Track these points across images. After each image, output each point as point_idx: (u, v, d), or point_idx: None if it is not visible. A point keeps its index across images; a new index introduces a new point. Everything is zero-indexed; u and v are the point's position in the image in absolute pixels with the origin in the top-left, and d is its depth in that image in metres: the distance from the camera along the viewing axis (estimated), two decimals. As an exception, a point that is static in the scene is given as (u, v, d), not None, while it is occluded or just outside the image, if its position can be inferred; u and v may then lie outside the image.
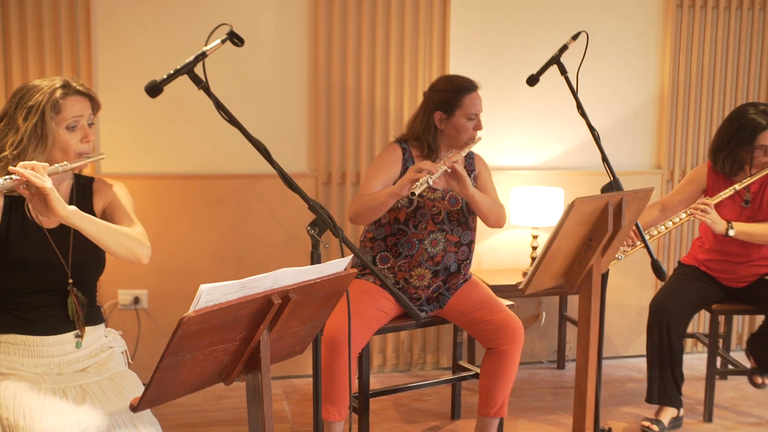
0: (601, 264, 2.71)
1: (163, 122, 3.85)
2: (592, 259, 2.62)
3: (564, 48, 2.97)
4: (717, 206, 3.40)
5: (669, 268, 4.36)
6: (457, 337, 3.56)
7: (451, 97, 3.09)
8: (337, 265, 1.92)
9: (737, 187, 3.42)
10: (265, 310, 1.75)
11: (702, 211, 3.34)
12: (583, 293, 2.69)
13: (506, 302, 3.29)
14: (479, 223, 4.13)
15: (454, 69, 4.10)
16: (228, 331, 1.71)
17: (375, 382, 4.12)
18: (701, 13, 4.43)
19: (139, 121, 3.83)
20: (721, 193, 3.43)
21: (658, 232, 3.41)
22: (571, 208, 2.40)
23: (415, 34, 4.03)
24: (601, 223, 2.57)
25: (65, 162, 2.12)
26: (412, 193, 2.73)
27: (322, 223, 2.15)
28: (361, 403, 3.07)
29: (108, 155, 3.80)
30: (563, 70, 2.95)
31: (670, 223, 3.42)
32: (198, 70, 2.23)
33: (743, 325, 4.73)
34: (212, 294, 1.60)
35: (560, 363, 4.41)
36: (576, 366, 2.72)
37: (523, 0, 4.19)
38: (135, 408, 1.69)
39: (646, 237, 3.35)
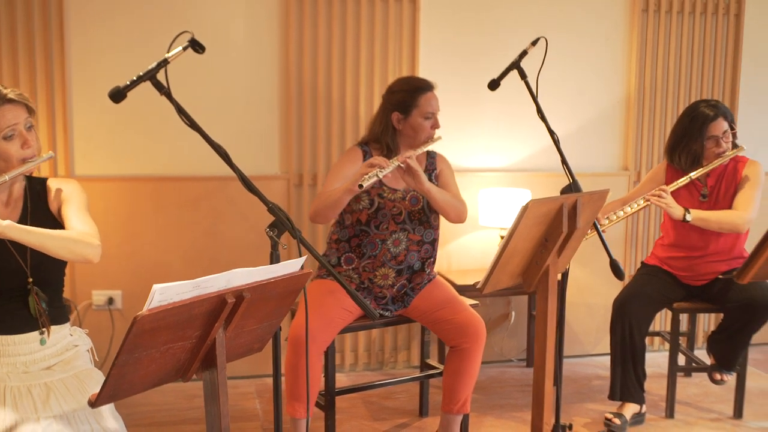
0: (558, 264, 2.79)
1: (137, 126, 3.90)
2: (549, 259, 2.70)
3: (524, 53, 3.04)
4: (677, 201, 3.49)
5: (633, 269, 4.45)
6: (424, 336, 3.64)
7: (407, 97, 3.18)
8: (291, 265, 1.98)
9: (693, 175, 3.52)
10: (220, 309, 1.81)
11: (658, 196, 3.45)
12: (541, 292, 2.77)
13: (471, 302, 3.36)
14: (448, 224, 4.22)
15: (424, 72, 4.17)
16: (183, 329, 1.77)
17: (346, 381, 4.19)
18: (666, 18, 4.52)
19: (114, 125, 3.89)
20: (677, 181, 3.54)
21: (617, 217, 3.49)
22: (525, 210, 2.48)
23: (385, 38, 4.10)
24: (557, 224, 2.65)
25: (5, 176, 2.18)
26: (360, 186, 2.82)
27: (281, 224, 2.21)
28: (327, 400, 3.13)
29: (83, 159, 3.89)
30: (523, 75, 3.03)
31: (629, 208, 3.51)
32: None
33: (709, 323, 4.83)
34: (165, 293, 1.66)
35: (529, 361, 4.49)
36: (534, 364, 2.79)
37: (492, 4, 4.27)
38: (93, 404, 1.75)
39: (606, 222, 3.45)
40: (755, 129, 4.71)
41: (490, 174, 4.35)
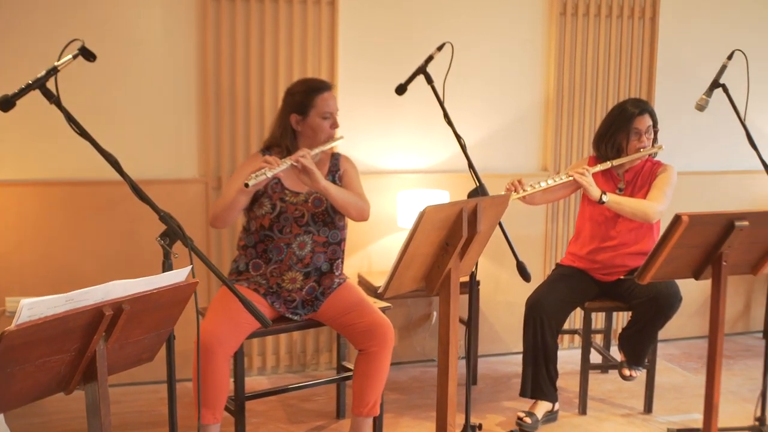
0: (462, 267, 2.83)
1: (48, 130, 3.84)
2: (450, 262, 2.74)
3: (430, 58, 3.09)
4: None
5: (548, 270, 4.53)
6: (340, 338, 3.65)
7: (303, 98, 3.21)
8: (176, 275, 1.98)
9: (613, 162, 3.68)
10: (97, 321, 1.80)
11: (580, 174, 3.57)
12: (443, 296, 2.80)
13: (382, 304, 3.39)
14: (368, 226, 4.24)
15: (344, 75, 4.19)
16: (59, 343, 1.76)
17: (267, 383, 4.19)
18: (584, 21, 4.60)
19: (28, 129, 3.82)
20: (599, 165, 3.69)
21: (540, 186, 3.58)
22: (422, 216, 2.50)
23: (304, 39, 4.10)
24: (457, 228, 2.68)
25: None
26: (246, 184, 2.84)
27: (173, 233, 2.21)
28: (237, 405, 3.13)
29: (-7, 163, 3.82)
30: (429, 80, 3.08)
31: (551, 180, 3.60)
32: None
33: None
34: (34, 308, 1.65)
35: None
36: (438, 366, 2.83)
37: (413, 8, 4.29)
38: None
39: (528, 189, 3.52)
40: (670, 132, 4.82)
41: (410, 175, 4.39)
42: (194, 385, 2.91)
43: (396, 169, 4.40)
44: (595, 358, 4.21)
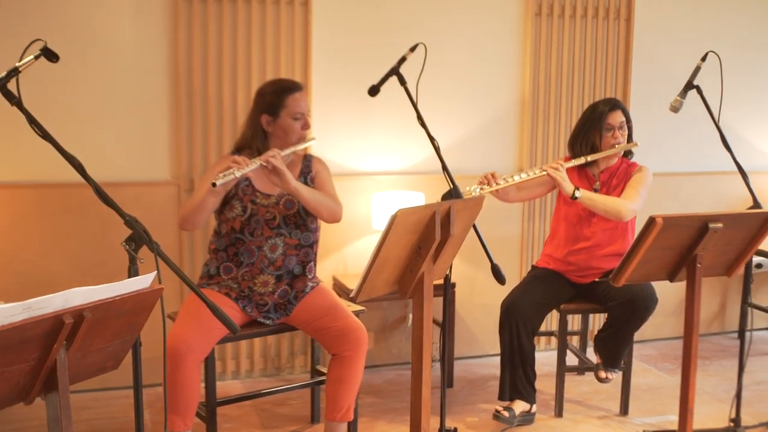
0: (435, 270, 2.79)
1: (17, 132, 3.76)
2: (423, 266, 2.70)
3: (402, 59, 3.06)
4: None
5: (525, 271, 4.52)
6: (314, 342, 3.61)
7: (274, 99, 3.16)
8: (140, 281, 1.93)
9: (588, 158, 3.66)
10: (57, 329, 1.75)
11: (555, 168, 3.55)
12: (416, 300, 2.76)
13: (357, 308, 3.35)
14: (343, 228, 4.21)
15: (317, 77, 4.15)
16: (17, 352, 1.71)
17: (241, 388, 4.14)
18: (559, 21, 4.59)
19: (-6, 130, 3.76)
20: (573, 160, 3.68)
21: (513, 180, 3.55)
22: (393, 219, 2.47)
23: (277, 40, 4.06)
24: (429, 231, 2.65)
25: None
26: (213, 184, 2.80)
27: (138, 238, 2.16)
28: (208, 411, 3.09)
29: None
30: (402, 81, 3.04)
31: (524, 174, 3.58)
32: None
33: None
34: (-10, 317, 1.60)
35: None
36: (411, 370, 2.80)
37: (386, 8, 4.26)
38: None
39: (501, 182, 3.50)
40: (645, 133, 4.82)
41: (384, 177, 4.36)
42: (168, 391, 2.87)
43: (371, 171, 4.36)
44: (572, 360, 4.20)
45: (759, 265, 5.12)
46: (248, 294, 3.15)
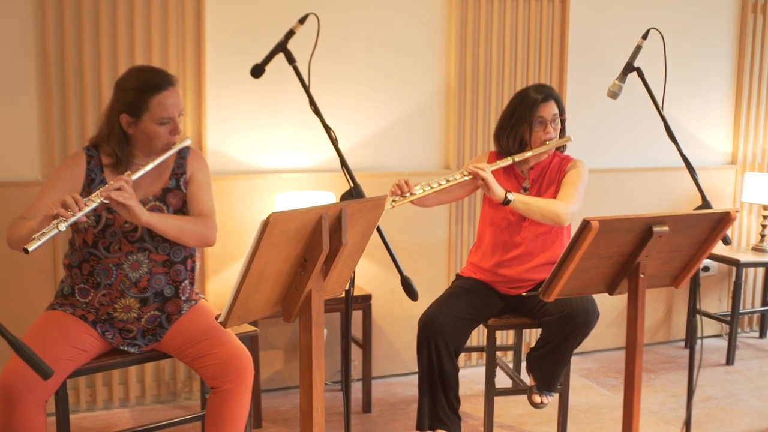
0: (327, 288, 2.31)
1: None
2: (310, 282, 2.21)
3: (290, 33, 2.57)
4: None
5: (449, 281, 4.07)
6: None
7: (135, 98, 2.57)
8: None
9: (515, 158, 3.22)
10: None
11: (481, 168, 3.08)
12: (303, 322, 2.27)
13: (249, 329, 2.85)
14: (242, 235, 3.70)
15: (212, 70, 3.66)
16: None
17: (129, 418, 3.61)
18: (488, 2, 4.14)
19: None
20: (498, 162, 3.21)
21: (431, 188, 3.06)
22: (265, 225, 1.98)
23: (164, 22, 3.54)
24: (316, 240, 2.16)
25: None
26: (25, 250, 2.20)
27: None
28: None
29: None
30: (291, 59, 2.55)
31: (444, 181, 3.10)
32: None
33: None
34: None
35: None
36: (300, 408, 2.31)
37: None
38: None
39: (419, 191, 3.03)
40: (583, 125, 4.42)
41: (290, 175, 3.85)
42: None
43: (275, 169, 3.85)
44: (504, 379, 3.76)
45: (706, 268, 4.76)
46: (108, 319, 2.61)
